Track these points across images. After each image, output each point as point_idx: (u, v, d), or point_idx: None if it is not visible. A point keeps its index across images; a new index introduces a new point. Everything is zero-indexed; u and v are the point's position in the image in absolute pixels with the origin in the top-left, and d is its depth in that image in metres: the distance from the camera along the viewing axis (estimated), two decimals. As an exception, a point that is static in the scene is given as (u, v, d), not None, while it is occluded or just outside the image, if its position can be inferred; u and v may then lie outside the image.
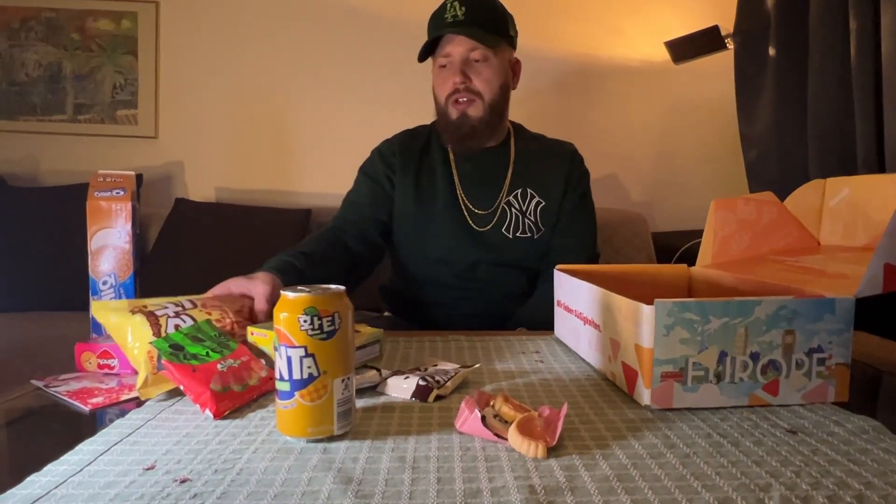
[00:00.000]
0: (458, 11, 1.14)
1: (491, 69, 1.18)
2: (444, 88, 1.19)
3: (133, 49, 2.32)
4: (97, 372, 0.78)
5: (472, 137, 1.21)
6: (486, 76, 1.17)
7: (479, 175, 1.25)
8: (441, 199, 1.23)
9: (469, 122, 1.19)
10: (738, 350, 0.63)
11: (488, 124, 1.21)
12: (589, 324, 0.79)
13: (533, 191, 1.24)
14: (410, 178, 1.24)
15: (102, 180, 0.91)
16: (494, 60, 1.18)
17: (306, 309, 0.54)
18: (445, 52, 1.17)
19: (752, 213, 1.00)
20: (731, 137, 2.24)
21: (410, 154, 1.27)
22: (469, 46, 1.16)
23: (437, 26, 1.17)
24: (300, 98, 2.34)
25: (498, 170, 1.25)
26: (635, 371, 0.64)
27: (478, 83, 1.17)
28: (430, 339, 0.96)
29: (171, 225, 2.04)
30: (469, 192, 1.24)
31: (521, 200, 1.24)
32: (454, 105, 1.19)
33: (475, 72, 1.17)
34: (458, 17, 1.14)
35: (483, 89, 1.18)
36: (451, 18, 1.14)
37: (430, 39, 1.17)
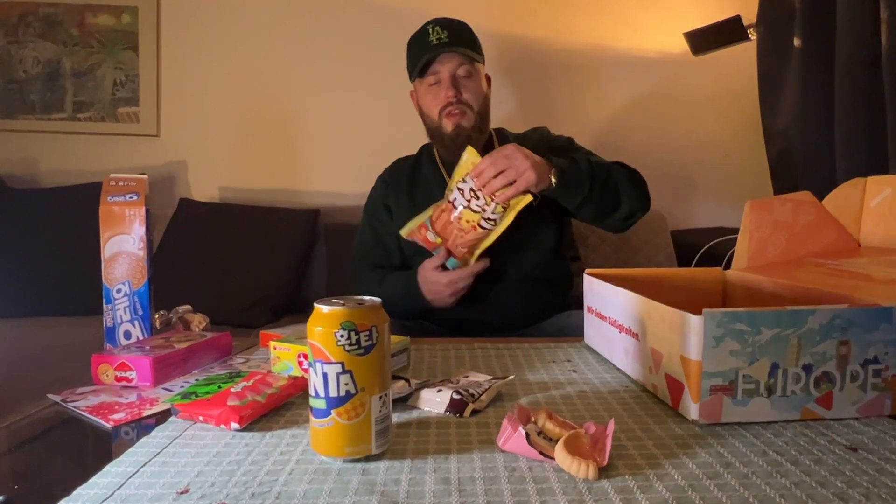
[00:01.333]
0: (441, 35, 1.28)
1: (476, 83, 1.32)
2: (437, 102, 1.31)
3: (134, 44, 2.31)
4: (115, 385, 0.77)
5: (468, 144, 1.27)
6: (473, 89, 1.31)
7: None
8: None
9: (464, 131, 1.30)
10: (791, 362, 0.61)
11: (480, 131, 1.33)
12: (625, 332, 0.78)
13: None
14: (404, 196, 1.36)
15: (115, 184, 0.90)
16: (476, 75, 1.32)
17: (343, 323, 0.53)
18: (434, 70, 1.30)
19: (788, 214, 0.99)
20: (752, 132, 2.23)
21: (401, 176, 1.41)
22: (457, 63, 1.29)
23: (424, 49, 1.29)
24: (307, 94, 2.33)
25: None
26: (681, 384, 0.63)
27: (467, 96, 1.30)
28: (455, 346, 0.95)
29: (176, 226, 2.03)
30: None
31: None
32: (448, 117, 1.30)
33: (464, 86, 1.30)
34: (442, 40, 1.28)
35: (472, 101, 1.31)
36: (436, 41, 1.27)
37: (423, 61, 1.28)
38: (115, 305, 0.89)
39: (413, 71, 1.33)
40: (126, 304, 0.89)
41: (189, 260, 1.93)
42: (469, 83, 1.30)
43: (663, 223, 2.15)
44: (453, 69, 1.29)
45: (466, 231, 1.14)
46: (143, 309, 0.90)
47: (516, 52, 2.26)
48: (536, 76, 2.30)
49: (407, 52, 1.37)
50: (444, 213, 1.15)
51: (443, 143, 1.33)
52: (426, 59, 1.28)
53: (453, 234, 1.15)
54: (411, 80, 1.38)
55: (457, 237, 1.15)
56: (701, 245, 2.05)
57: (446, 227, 1.15)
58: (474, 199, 1.12)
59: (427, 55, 1.27)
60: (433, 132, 1.35)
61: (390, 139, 2.00)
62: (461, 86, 1.29)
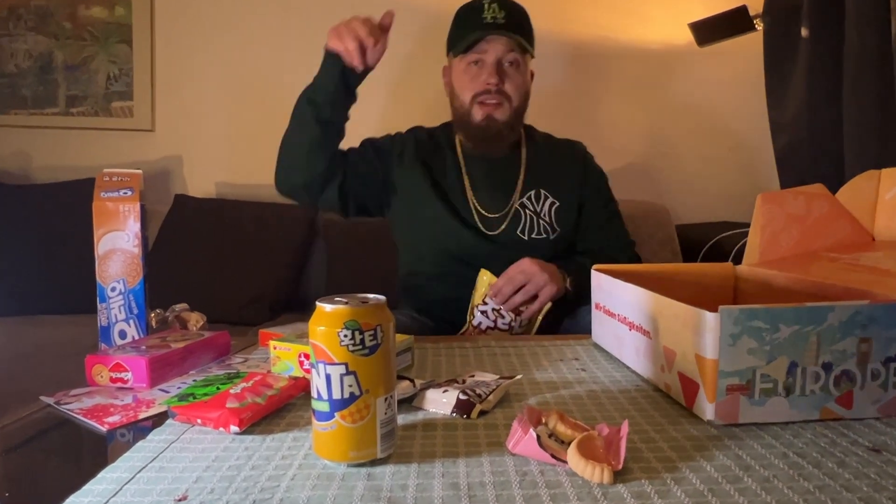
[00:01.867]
0: (497, 14, 1.18)
1: (521, 75, 1.23)
2: (473, 86, 1.21)
3: (127, 37, 2.29)
4: (110, 386, 0.75)
5: (496, 140, 1.25)
6: (516, 81, 1.22)
7: (491, 179, 1.28)
8: (449, 201, 1.25)
9: (495, 125, 1.22)
10: (810, 360, 0.60)
11: (512, 128, 1.25)
12: (636, 329, 0.76)
13: (547, 192, 1.27)
14: (419, 163, 1.27)
15: (109, 179, 0.88)
16: (523, 67, 1.23)
17: (346, 322, 0.51)
18: (481, 48, 1.19)
19: (801, 207, 0.97)
20: (758, 124, 2.21)
21: (424, 143, 1.30)
22: (506, 49, 1.19)
23: (475, 25, 1.19)
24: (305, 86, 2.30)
25: (510, 173, 1.28)
26: (696, 383, 0.62)
27: (509, 86, 1.21)
28: (460, 345, 0.93)
29: (171, 222, 2.02)
30: (480, 196, 1.26)
31: (535, 202, 1.26)
32: (481, 106, 1.21)
33: (507, 75, 1.21)
34: (498, 20, 1.18)
35: (512, 93, 1.22)
36: (490, 19, 1.18)
37: (472, 38, 1.18)
38: (110, 304, 0.88)
39: (456, 45, 1.22)
40: (121, 302, 0.88)
41: (185, 257, 1.91)
42: (514, 73, 1.21)
43: (668, 217, 2.13)
44: (501, 53, 1.19)
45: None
46: (139, 308, 0.89)
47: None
48: (539, 67, 2.27)
49: (453, 21, 1.26)
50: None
51: (468, 131, 1.25)
52: (475, 37, 1.17)
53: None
54: (449, 52, 1.27)
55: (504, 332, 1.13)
56: (707, 240, 2.03)
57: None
58: (500, 318, 1.10)
59: (478, 32, 1.17)
60: (460, 118, 1.26)
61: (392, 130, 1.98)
62: (505, 74, 1.20)
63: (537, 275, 1.09)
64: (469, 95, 1.22)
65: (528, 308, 1.10)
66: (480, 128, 1.22)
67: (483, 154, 1.28)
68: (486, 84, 1.19)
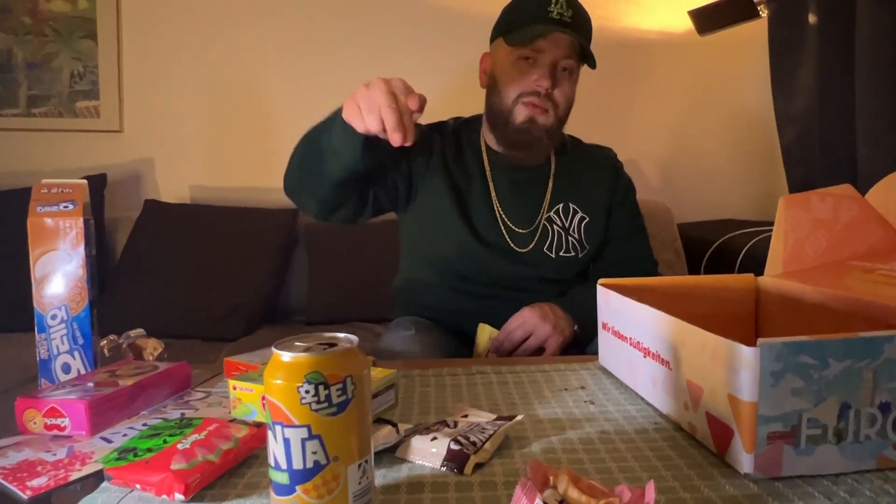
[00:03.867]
0: (564, 10, 1.06)
1: (572, 83, 1.14)
2: (521, 84, 1.10)
3: (92, 32, 2.17)
4: (44, 434, 0.66)
5: (533, 147, 1.14)
6: (566, 89, 1.12)
7: (518, 190, 1.18)
8: (477, 213, 1.15)
9: (536, 129, 1.11)
10: (865, 401, 0.51)
11: (552, 138, 1.15)
12: (652, 357, 0.68)
13: (576, 206, 1.18)
14: (444, 168, 1.15)
15: (47, 192, 0.79)
16: (576, 75, 1.14)
17: (308, 375, 0.42)
18: (539, 45, 1.08)
19: (828, 211, 0.89)
20: (763, 117, 2.14)
21: (448, 148, 1.18)
22: (566, 52, 1.09)
23: (539, 17, 1.06)
24: (283, 85, 2.21)
25: (538, 183, 1.19)
26: (729, 429, 0.53)
27: (559, 94, 1.11)
28: (451, 372, 0.84)
29: (141, 230, 1.91)
30: (507, 208, 1.17)
31: (564, 216, 1.18)
32: (526, 105, 1.10)
33: (559, 81, 1.11)
34: (564, 17, 1.06)
35: (560, 101, 1.12)
36: (556, 15, 1.06)
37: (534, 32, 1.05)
38: (51, 334, 0.78)
39: (512, 34, 1.08)
40: (63, 332, 0.78)
41: (155, 267, 1.81)
42: (566, 82, 1.11)
43: (669, 216, 2.06)
44: (559, 56, 1.08)
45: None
46: (84, 337, 0.79)
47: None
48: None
49: (511, 6, 1.13)
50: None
51: (504, 132, 1.13)
52: (538, 32, 1.05)
53: None
54: (496, 38, 1.14)
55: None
56: (710, 239, 1.95)
57: None
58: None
59: (541, 26, 1.05)
60: (497, 115, 1.13)
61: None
62: (557, 79, 1.10)
63: (540, 327, 1.02)
64: (514, 93, 1.10)
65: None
66: (520, 129, 1.11)
67: (512, 162, 1.17)
68: (537, 85, 1.08)
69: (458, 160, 1.18)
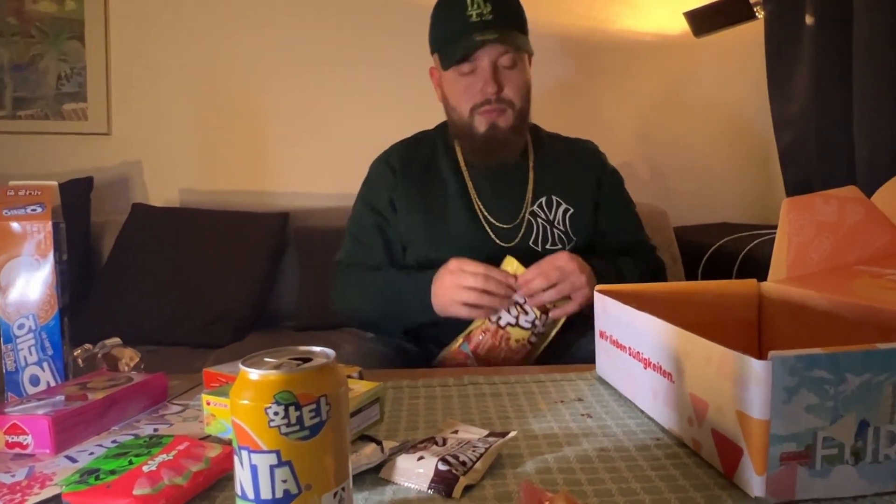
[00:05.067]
0: (483, 9, 1.04)
1: (520, 73, 1.10)
2: (469, 98, 1.09)
3: (79, 33, 2.13)
4: (6, 453, 0.61)
5: (503, 149, 1.12)
6: (516, 83, 1.09)
7: (499, 186, 1.15)
8: (457, 218, 1.12)
9: (500, 133, 1.09)
10: (885, 417, 0.47)
11: (519, 134, 1.13)
12: (653, 369, 0.64)
13: (559, 198, 1.15)
14: (416, 197, 1.14)
15: (14, 194, 0.74)
16: (521, 63, 1.10)
17: (278, 395, 0.38)
18: (473, 56, 1.06)
19: (833, 214, 0.85)
20: (760, 119, 2.11)
21: (413, 169, 1.16)
22: (500, 51, 1.06)
23: (461, 27, 1.04)
24: (275, 87, 2.17)
25: (518, 179, 1.16)
26: (738, 448, 0.49)
27: (509, 92, 1.08)
28: (442, 383, 0.80)
29: (128, 234, 1.86)
30: (489, 206, 1.14)
31: (547, 209, 1.14)
32: (483, 115, 1.09)
33: (506, 79, 1.08)
34: (484, 16, 1.04)
35: (515, 97, 1.09)
36: (476, 17, 1.04)
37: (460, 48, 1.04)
38: (17, 345, 0.73)
39: (443, 53, 1.09)
40: (31, 342, 0.74)
41: (142, 272, 1.76)
42: (513, 75, 1.08)
43: (665, 220, 2.02)
44: (495, 57, 1.06)
45: (517, 351, 0.99)
46: (54, 348, 0.74)
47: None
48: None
49: (433, 19, 1.12)
50: (485, 334, 0.99)
51: (472, 143, 1.12)
52: (465, 46, 1.03)
53: (500, 358, 0.99)
54: (434, 54, 1.13)
55: (506, 360, 0.99)
56: (707, 243, 1.92)
57: (491, 352, 0.98)
58: (523, 315, 0.97)
59: (465, 41, 1.03)
60: (460, 129, 1.12)
61: (369, 133, 1.85)
62: (502, 78, 1.07)
63: (575, 274, 0.96)
64: (467, 107, 1.09)
65: (560, 308, 0.98)
66: (485, 138, 1.09)
67: (497, 164, 1.15)
68: (485, 94, 1.07)
69: (431, 171, 1.16)
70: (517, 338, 0.98)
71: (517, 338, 0.98)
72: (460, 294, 0.95)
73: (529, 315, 0.97)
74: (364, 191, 1.19)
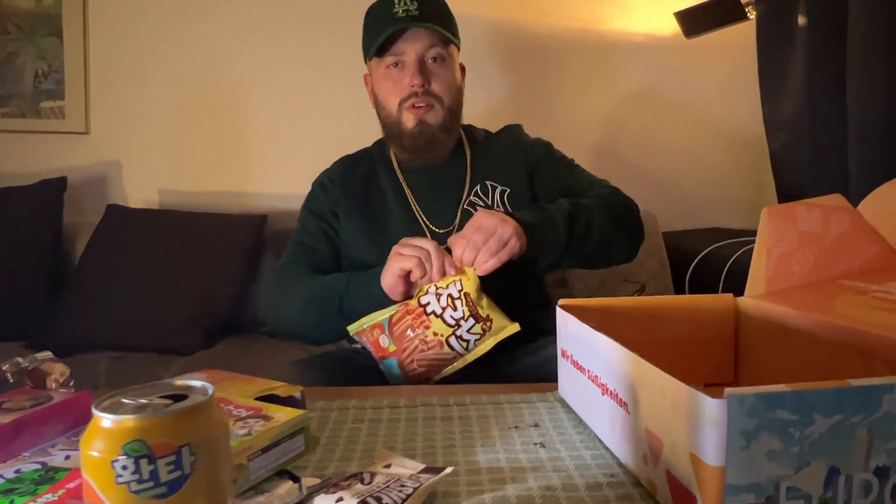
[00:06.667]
0: (409, 5, 1.03)
1: (448, 70, 1.09)
2: (397, 91, 1.07)
3: (57, 30, 2.07)
4: None
5: (433, 147, 1.10)
6: (444, 78, 1.08)
7: (435, 187, 1.13)
8: (396, 223, 1.10)
9: (429, 129, 1.07)
10: (858, 464, 0.41)
11: (449, 132, 1.11)
12: (610, 396, 0.57)
13: (494, 182, 1.12)
14: (356, 210, 1.12)
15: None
16: (450, 61, 1.09)
17: (127, 446, 0.31)
18: (398, 49, 1.06)
19: (817, 223, 0.79)
20: (752, 122, 2.05)
21: (352, 183, 1.16)
22: (427, 44, 1.05)
23: (386, 21, 1.04)
24: (258, 86, 2.10)
25: (454, 177, 1.14)
26: (691, 495, 0.43)
27: (436, 86, 1.07)
28: (391, 404, 0.73)
29: (101, 236, 1.80)
30: (427, 208, 1.11)
31: (484, 195, 1.11)
32: (410, 110, 1.07)
33: (433, 74, 1.07)
34: (410, 12, 1.03)
35: (442, 93, 1.08)
36: (402, 13, 1.03)
37: (383, 37, 1.04)
38: (-72, 361, 0.67)
39: (369, 48, 1.08)
40: (-57, 358, 0.67)
41: (113, 275, 1.70)
42: (440, 70, 1.07)
43: (654, 225, 1.96)
44: (422, 51, 1.05)
45: (430, 345, 0.90)
46: (-30, 363, 0.68)
47: (487, 36, 2.05)
48: (510, 63, 2.09)
49: (364, 23, 1.12)
50: (407, 316, 0.91)
51: (401, 142, 1.10)
52: (387, 34, 1.03)
53: (412, 346, 0.90)
54: (366, 59, 1.13)
55: (416, 350, 0.90)
56: (696, 249, 1.85)
57: (404, 335, 0.91)
58: (450, 309, 0.89)
59: (389, 29, 1.03)
60: (390, 128, 1.11)
61: (352, 133, 1.78)
62: (430, 73, 1.06)
63: (500, 226, 0.89)
64: (395, 102, 1.07)
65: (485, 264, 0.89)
66: (413, 134, 1.07)
67: (423, 165, 1.13)
68: (411, 87, 1.05)
69: (370, 182, 1.15)
70: (436, 330, 0.89)
71: (436, 330, 0.89)
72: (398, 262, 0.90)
73: (458, 311, 0.89)
74: (307, 202, 1.19)
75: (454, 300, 0.89)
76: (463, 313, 0.89)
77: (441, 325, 0.89)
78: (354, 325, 0.96)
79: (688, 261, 1.84)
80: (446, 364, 0.91)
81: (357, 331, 0.96)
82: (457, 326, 0.89)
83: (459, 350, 0.90)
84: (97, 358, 1.50)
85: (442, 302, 0.90)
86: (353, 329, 0.96)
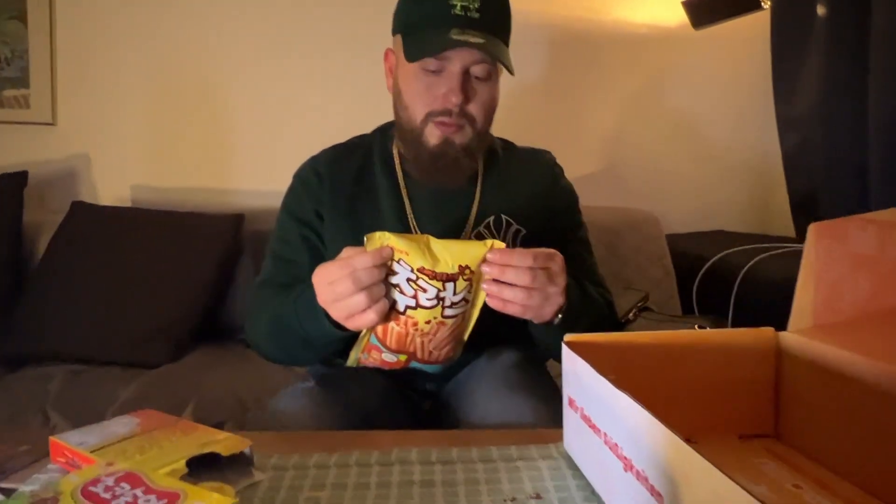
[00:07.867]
0: (470, 4, 0.85)
1: (490, 91, 0.92)
2: (428, 101, 0.89)
3: (21, 13, 1.91)
4: None
5: (452, 171, 0.93)
6: (484, 99, 0.91)
7: (438, 204, 0.96)
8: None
9: (453, 150, 0.90)
10: None
11: (472, 156, 0.94)
12: (634, 475, 0.44)
13: (509, 217, 0.96)
14: (342, 213, 0.95)
15: None
16: (495, 78, 0.92)
17: None
18: (446, 55, 0.86)
19: (872, 244, 0.65)
20: (763, 120, 1.93)
21: (341, 177, 0.98)
22: (477, 57, 0.87)
23: (441, 18, 0.85)
24: (237, 76, 1.96)
25: (463, 194, 0.97)
26: None
27: (474, 107, 0.90)
28: (361, 461, 0.60)
29: (64, 235, 1.65)
30: (425, 225, 0.94)
31: (496, 230, 0.95)
32: (438, 126, 0.89)
33: (474, 92, 0.89)
34: (470, 12, 0.85)
35: (478, 114, 0.90)
36: (461, 10, 0.85)
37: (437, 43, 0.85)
38: None
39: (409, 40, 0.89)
40: None
41: (76, 279, 1.55)
42: (483, 89, 0.91)
43: (658, 228, 1.83)
44: (469, 63, 0.88)
45: (432, 331, 0.77)
46: None
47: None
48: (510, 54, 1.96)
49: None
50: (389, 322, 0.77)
51: (417, 154, 0.93)
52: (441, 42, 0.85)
53: (418, 343, 0.78)
54: (396, 34, 0.94)
55: (423, 344, 0.78)
56: (703, 255, 1.72)
57: (402, 339, 0.77)
58: (421, 292, 0.73)
59: (440, 34, 0.85)
60: (406, 131, 0.94)
61: (334, 127, 1.63)
62: (471, 90, 0.90)
63: (556, 295, 0.76)
64: (422, 112, 0.90)
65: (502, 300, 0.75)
66: (434, 153, 0.91)
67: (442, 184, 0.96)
68: (446, 102, 0.88)
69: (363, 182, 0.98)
70: (425, 319, 0.75)
71: (425, 319, 0.75)
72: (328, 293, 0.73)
73: (429, 291, 0.74)
74: (287, 200, 1.01)
75: (415, 283, 0.74)
76: (435, 288, 0.74)
77: (424, 312, 0.74)
78: (350, 360, 0.82)
79: (693, 267, 1.71)
80: (461, 327, 0.80)
81: (357, 362, 0.82)
82: (440, 301, 0.74)
83: (462, 309, 0.77)
84: (51, 372, 1.36)
85: (409, 291, 0.74)
86: (352, 363, 0.82)
